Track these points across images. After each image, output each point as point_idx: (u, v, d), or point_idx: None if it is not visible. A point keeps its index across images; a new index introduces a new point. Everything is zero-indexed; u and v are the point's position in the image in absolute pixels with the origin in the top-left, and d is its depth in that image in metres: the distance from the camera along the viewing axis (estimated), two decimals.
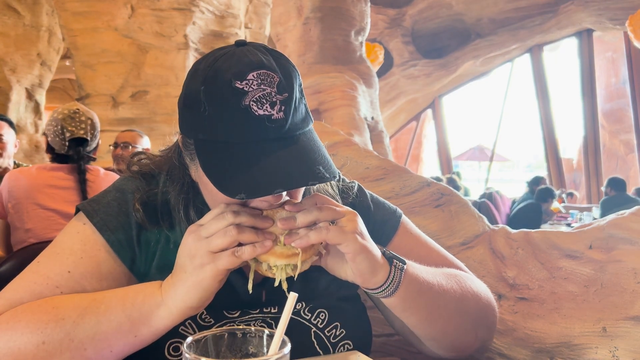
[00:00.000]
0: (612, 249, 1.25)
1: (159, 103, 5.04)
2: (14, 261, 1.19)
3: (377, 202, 1.03)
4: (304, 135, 0.79)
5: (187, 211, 0.86)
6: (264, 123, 0.74)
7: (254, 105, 0.73)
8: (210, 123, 0.75)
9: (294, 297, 0.63)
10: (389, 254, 0.81)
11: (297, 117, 0.77)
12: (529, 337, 1.21)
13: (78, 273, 0.82)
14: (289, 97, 0.75)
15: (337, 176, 0.76)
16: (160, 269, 0.86)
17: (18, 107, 6.63)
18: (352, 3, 8.09)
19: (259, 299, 0.89)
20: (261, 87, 0.74)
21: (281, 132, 0.75)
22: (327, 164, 0.76)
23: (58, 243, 0.86)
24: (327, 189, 0.96)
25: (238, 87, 0.73)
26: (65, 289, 0.81)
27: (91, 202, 0.89)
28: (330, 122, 7.05)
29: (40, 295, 0.80)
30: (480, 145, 18.80)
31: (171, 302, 0.74)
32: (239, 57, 0.76)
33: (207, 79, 0.76)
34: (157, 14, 5.00)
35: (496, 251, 1.39)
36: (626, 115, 12.54)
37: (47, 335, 0.74)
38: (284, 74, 0.76)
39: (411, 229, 1.03)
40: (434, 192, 1.51)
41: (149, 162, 0.94)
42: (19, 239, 2.20)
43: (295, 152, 0.75)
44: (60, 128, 2.29)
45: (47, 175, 2.25)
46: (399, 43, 11.29)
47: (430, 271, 0.88)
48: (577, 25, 10.74)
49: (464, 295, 0.91)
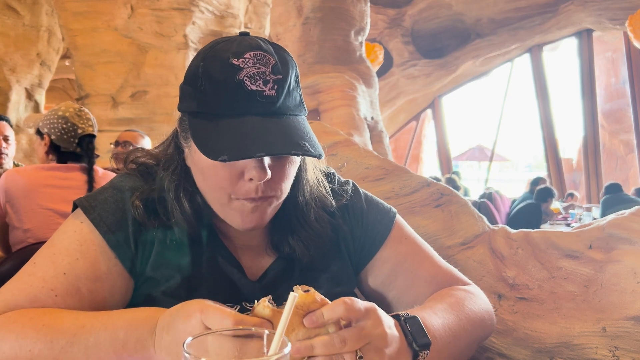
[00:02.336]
0: (612, 249, 1.26)
1: (159, 103, 5.04)
2: (13, 261, 1.18)
3: (370, 202, 1.03)
4: (295, 118, 0.80)
5: (178, 194, 0.86)
6: (255, 97, 0.76)
7: (247, 81, 0.76)
8: (204, 96, 0.78)
9: (294, 297, 0.63)
10: (412, 344, 0.75)
11: (289, 101, 0.79)
12: (528, 337, 1.21)
13: (73, 275, 0.81)
14: (282, 79, 0.78)
15: (322, 155, 0.78)
16: (156, 267, 0.86)
17: (18, 107, 6.62)
18: (352, 3, 8.09)
19: (257, 294, 0.89)
20: (256, 65, 0.76)
21: (271, 109, 0.77)
22: (314, 143, 0.78)
23: (55, 242, 0.85)
24: (321, 189, 0.96)
25: (234, 64, 0.76)
26: (60, 292, 0.80)
27: (88, 198, 0.88)
28: (330, 122, 7.05)
29: (36, 299, 0.79)
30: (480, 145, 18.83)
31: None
32: (239, 41, 0.80)
33: (207, 57, 0.79)
34: (156, 14, 4.99)
35: (496, 251, 1.39)
36: (626, 115, 12.55)
37: (34, 354, 0.74)
38: (280, 60, 0.79)
39: (405, 230, 1.02)
40: (434, 192, 1.51)
41: (145, 158, 0.94)
42: (18, 239, 2.19)
43: (282, 126, 0.77)
44: (70, 125, 2.30)
45: (45, 175, 2.24)
46: (398, 43, 11.29)
47: (445, 321, 0.84)
48: (577, 25, 10.75)
49: (474, 326, 0.89)
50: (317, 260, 0.92)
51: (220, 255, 0.90)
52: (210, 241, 0.90)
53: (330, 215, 0.96)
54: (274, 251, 0.93)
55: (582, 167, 11.96)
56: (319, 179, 0.97)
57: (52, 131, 2.31)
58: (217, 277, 0.88)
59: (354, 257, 0.99)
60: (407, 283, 0.97)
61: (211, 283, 0.87)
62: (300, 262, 0.92)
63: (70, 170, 2.28)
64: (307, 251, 0.91)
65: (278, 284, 0.91)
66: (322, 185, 0.97)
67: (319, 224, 0.93)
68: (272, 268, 0.92)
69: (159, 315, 0.74)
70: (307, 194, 0.93)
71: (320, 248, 0.92)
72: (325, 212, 0.95)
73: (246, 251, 0.93)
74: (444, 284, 0.98)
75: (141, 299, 0.87)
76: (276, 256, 0.93)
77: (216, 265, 0.89)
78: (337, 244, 0.97)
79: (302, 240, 0.91)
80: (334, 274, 0.95)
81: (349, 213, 0.99)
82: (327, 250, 0.94)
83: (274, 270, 0.92)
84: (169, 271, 0.86)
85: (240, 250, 0.92)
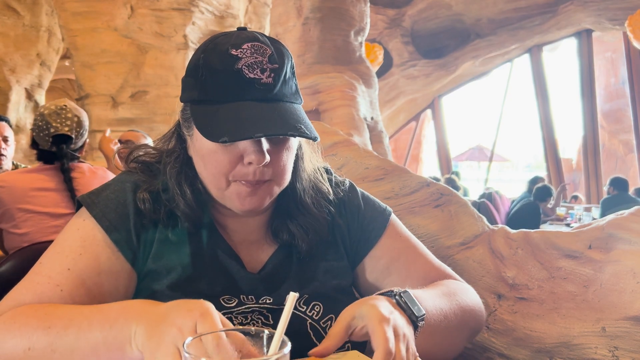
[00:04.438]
0: (612, 249, 1.26)
1: (159, 103, 5.04)
2: (13, 261, 1.18)
3: (367, 200, 1.06)
4: (291, 105, 0.85)
5: (180, 180, 0.89)
6: (253, 85, 0.81)
7: (245, 69, 0.80)
8: (205, 85, 0.82)
9: (294, 296, 0.63)
10: (411, 315, 0.79)
11: (285, 89, 0.84)
12: (528, 337, 1.21)
13: (77, 269, 0.84)
14: (279, 68, 0.82)
15: (317, 138, 0.82)
16: (157, 260, 0.88)
17: (17, 107, 6.63)
18: (351, 3, 8.09)
19: (255, 287, 0.91)
20: (254, 55, 0.81)
21: (268, 95, 0.82)
22: (310, 127, 0.82)
23: (59, 242, 0.88)
24: (317, 176, 1.00)
25: (233, 54, 0.81)
26: (66, 287, 0.82)
27: (91, 195, 0.91)
28: (329, 122, 7.05)
29: (42, 295, 0.81)
30: (480, 146, 18.83)
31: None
32: (238, 34, 0.84)
33: (207, 50, 0.84)
34: (156, 14, 4.99)
35: (496, 251, 1.39)
36: (625, 116, 12.55)
37: (33, 342, 0.74)
38: (276, 51, 0.83)
39: (400, 229, 1.05)
40: (434, 192, 1.51)
41: (146, 157, 0.97)
42: (13, 245, 2.17)
43: (279, 111, 0.81)
44: (45, 123, 2.23)
45: (32, 178, 2.20)
46: (398, 43, 11.29)
47: (436, 302, 0.88)
48: (577, 25, 10.75)
49: (464, 313, 0.93)
50: (315, 248, 0.95)
51: (220, 248, 0.92)
52: (210, 235, 0.92)
53: (327, 203, 0.99)
54: (274, 239, 0.96)
55: (582, 167, 11.95)
56: (316, 167, 1.00)
57: (33, 127, 2.28)
58: (216, 270, 0.90)
59: (350, 252, 1.01)
60: (401, 280, 0.99)
61: (211, 276, 0.89)
62: (298, 252, 0.95)
63: (55, 170, 2.24)
64: (306, 235, 0.94)
65: (276, 274, 0.93)
66: (318, 172, 1.01)
67: (317, 209, 0.97)
68: (271, 260, 0.95)
69: (155, 303, 0.74)
70: (305, 181, 0.97)
71: (319, 232, 0.95)
72: (323, 199, 0.99)
73: (246, 245, 0.95)
74: (437, 280, 1.00)
75: (144, 293, 0.88)
76: (275, 248, 0.96)
77: (216, 259, 0.91)
78: (333, 235, 0.99)
79: (300, 225, 0.94)
80: (330, 265, 0.97)
81: (345, 208, 1.02)
82: (325, 237, 0.97)
83: (273, 262, 0.94)
84: (169, 264, 0.88)
85: (240, 245, 0.95)
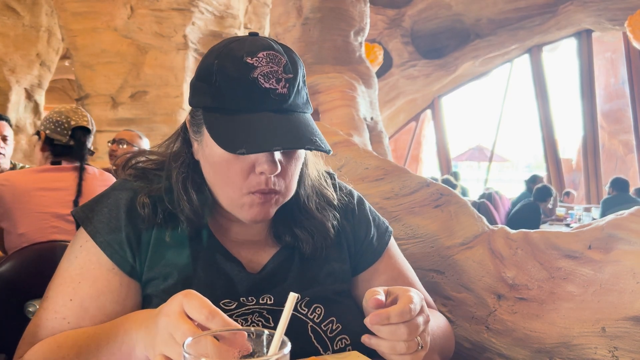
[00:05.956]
0: (611, 249, 1.26)
1: (159, 103, 5.04)
2: (13, 261, 1.18)
3: (374, 215, 1.08)
4: (303, 115, 0.85)
5: (186, 185, 0.89)
6: (269, 95, 0.80)
7: (261, 79, 0.80)
8: (219, 92, 0.81)
9: (294, 297, 0.63)
10: None
11: (298, 99, 0.84)
12: (528, 337, 1.21)
13: (79, 298, 0.85)
14: (293, 78, 0.82)
15: (331, 151, 0.82)
16: (153, 266, 0.88)
17: (17, 108, 6.63)
18: (351, 3, 8.09)
19: (256, 286, 0.91)
20: (269, 64, 0.80)
21: (283, 106, 0.81)
22: (322, 139, 0.83)
23: (61, 272, 0.89)
24: (321, 181, 1.00)
25: (248, 62, 0.80)
26: (71, 318, 0.84)
27: (84, 209, 0.91)
28: (329, 122, 7.05)
29: (53, 330, 0.84)
30: (480, 146, 18.85)
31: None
32: (252, 41, 0.83)
33: (221, 55, 0.82)
34: (156, 15, 4.99)
35: (495, 251, 1.39)
36: (625, 116, 12.56)
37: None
38: (290, 60, 0.83)
39: (396, 252, 1.08)
40: (433, 193, 1.52)
41: (146, 164, 0.96)
42: (13, 244, 2.17)
43: (293, 122, 0.82)
44: (64, 117, 2.31)
45: (36, 178, 2.20)
46: (398, 43, 11.30)
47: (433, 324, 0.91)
48: (576, 25, 10.75)
49: (443, 331, 0.99)
50: (318, 250, 0.95)
51: (219, 252, 0.91)
52: (208, 240, 0.92)
53: (332, 208, 1.00)
54: (276, 242, 0.96)
55: (582, 168, 11.96)
56: (319, 172, 1.01)
57: (47, 126, 2.32)
58: (214, 274, 0.89)
59: (353, 259, 1.02)
60: None
61: (209, 280, 0.89)
62: (300, 254, 0.95)
63: (61, 171, 2.26)
64: (311, 238, 0.94)
65: (277, 274, 0.93)
66: (322, 177, 1.01)
67: (321, 214, 0.97)
68: (272, 261, 0.94)
69: (150, 310, 0.76)
70: (308, 187, 0.97)
71: (323, 235, 0.96)
72: (327, 204, 1.00)
73: (247, 246, 0.95)
74: None
75: (146, 300, 0.89)
76: (276, 250, 0.95)
77: (214, 263, 0.90)
78: (338, 237, 1.00)
79: (305, 228, 0.95)
80: (333, 268, 0.97)
81: (353, 217, 1.03)
82: (329, 241, 0.97)
83: (274, 262, 0.94)
84: (166, 269, 0.87)
85: (241, 246, 0.94)
